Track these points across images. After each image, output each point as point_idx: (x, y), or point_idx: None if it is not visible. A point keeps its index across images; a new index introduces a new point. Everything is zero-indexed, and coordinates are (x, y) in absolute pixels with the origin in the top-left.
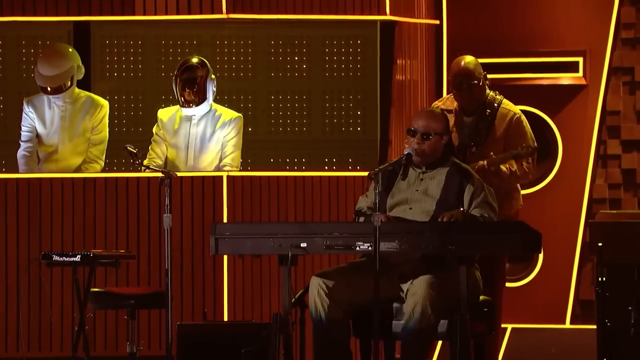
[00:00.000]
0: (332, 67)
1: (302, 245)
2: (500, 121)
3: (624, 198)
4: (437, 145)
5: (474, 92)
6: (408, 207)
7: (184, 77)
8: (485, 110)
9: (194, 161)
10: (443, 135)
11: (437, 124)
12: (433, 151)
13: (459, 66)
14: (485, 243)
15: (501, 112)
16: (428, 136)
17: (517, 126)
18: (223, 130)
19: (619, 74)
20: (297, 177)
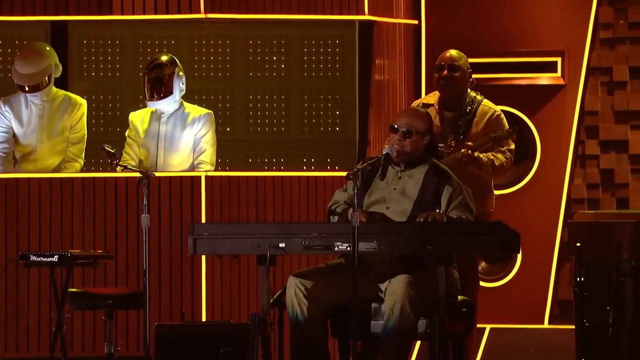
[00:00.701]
0: (310, 67)
1: (281, 246)
2: (481, 117)
3: (602, 198)
4: (418, 144)
5: (456, 81)
6: (385, 206)
7: (152, 76)
8: (465, 107)
9: (164, 160)
10: (425, 135)
11: (420, 123)
12: (413, 149)
13: (445, 54)
14: (463, 243)
15: (482, 109)
16: (410, 134)
17: (496, 123)
18: (193, 128)
19: (597, 74)
20: (276, 177)
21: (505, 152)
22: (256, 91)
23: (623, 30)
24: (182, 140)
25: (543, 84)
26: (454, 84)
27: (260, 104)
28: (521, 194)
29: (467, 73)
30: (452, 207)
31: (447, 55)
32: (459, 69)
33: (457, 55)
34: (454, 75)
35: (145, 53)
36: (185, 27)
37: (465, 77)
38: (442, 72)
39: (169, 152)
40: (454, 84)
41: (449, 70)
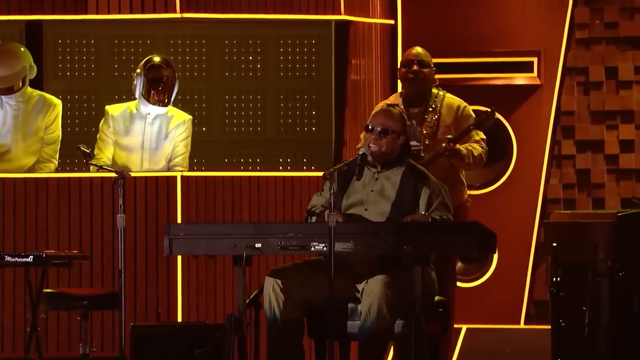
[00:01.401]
0: (286, 66)
1: (257, 246)
2: (448, 110)
3: (578, 198)
4: (394, 144)
5: (425, 76)
6: (363, 208)
7: (150, 77)
8: (430, 103)
9: (149, 161)
10: (400, 135)
11: (395, 123)
12: (390, 150)
13: (412, 51)
14: (440, 243)
15: (447, 102)
16: (385, 134)
17: (466, 116)
18: (176, 131)
19: (573, 74)
20: (252, 177)
21: (480, 142)
22: (232, 91)
23: (599, 30)
24: (166, 143)
25: (519, 84)
26: (422, 80)
27: (236, 103)
28: (497, 194)
29: (433, 70)
30: (434, 207)
31: (415, 52)
32: (427, 66)
33: (424, 52)
34: (422, 71)
35: (121, 53)
36: (161, 26)
37: (432, 73)
38: (412, 67)
39: (154, 154)
40: (423, 79)
41: (419, 66)
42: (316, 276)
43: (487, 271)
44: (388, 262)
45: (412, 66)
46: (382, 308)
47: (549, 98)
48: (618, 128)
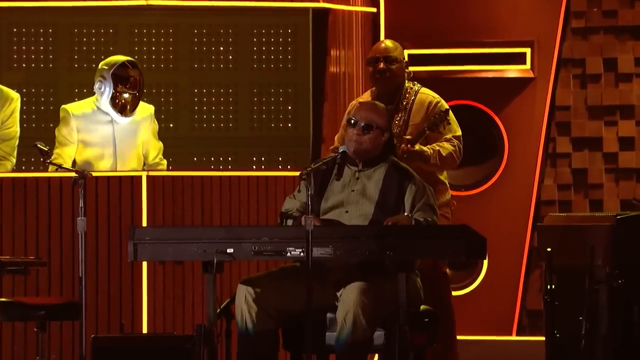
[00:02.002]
0: (260, 58)
1: (229, 251)
2: (419, 107)
3: (574, 200)
4: (377, 140)
5: (393, 73)
6: (344, 210)
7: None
8: (401, 101)
9: (120, 161)
10: (384, 132)
11: (380, 118)
12: (373, 146)
13: (379, 46)
14: (425, 248)
15: (419, 99)
16: (369, 129)
17: (437, 108)
18: (144, 126)
19: (569, 66)
20: (223, 177)
21: (452, 140)
22: (201, 84)
23: (597, 19)
24: (136, 140)
25: (511, 76)
26: (391, 77)
27: (206, 98)
28: (487, 195)
29: (403, 64)
30: (417, 208)
31: (381, 47)
32: (395, 61)
33: (393, 45)
34: (390, 68)
35: (82, 43)
36: (125, 14)
37: (402, 68)
38: (378, 65)
39: (128, 153)
40: (392, 77)
41: (385, 63)
42: (292, 284)
43: (476, 278)
44: (370, 268)
45: (378, 64)
46: (358, 317)
47: (543, 92)
48: (617, 124)
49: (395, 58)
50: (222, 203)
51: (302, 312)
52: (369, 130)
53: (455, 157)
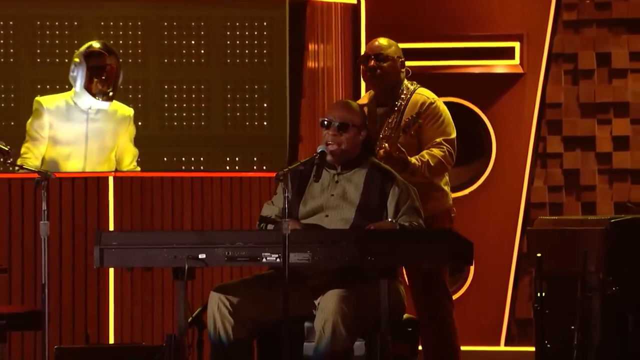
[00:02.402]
0: (234, 52)
1: (201, 257)
2: (411, 108)
3: (565, 202)
4: (355, 140)
5: (384, 72)
6: (324, 214)
7: (92, 65)
8: (396, 100)
9: (89, 162)
10: (361, 130)
11: (355, 116)
12: (351, 146)
13: (373, 43)
14: (409, 253)
15: (414, 99)
16: (345, 128)
17: (431, 113)
18: (122, 128)
19: (560, 61)
20: (195, 179)
21: (442, 145)
22: (172, 80)
23: (589, 11)
24: (112, 141)
25: (499, 72)
26: (382, 76)
27: (176, 94)
28: (474, 197)
29: (398, 62)
30: (402, 212)
31: (374, 44)
32: (387, 59)
33: (386, 43)
34: (381, 66)
35: (44, 36)
36: (90, 6)
37: (396, 66)
38: (369, 63)
39: (100, 155)
40: (383, 75)
41: (376, 61)
42: (268, 292)
43: (462, 285)
44: (350, 274)
45: (369, 62)
46: (337, 326)
47: (533, 88)
48: (611, 122)
49: (387, 56)
50: (194, 206)
51: (279, 321)
52: (345, 130)
53: (445, 163)
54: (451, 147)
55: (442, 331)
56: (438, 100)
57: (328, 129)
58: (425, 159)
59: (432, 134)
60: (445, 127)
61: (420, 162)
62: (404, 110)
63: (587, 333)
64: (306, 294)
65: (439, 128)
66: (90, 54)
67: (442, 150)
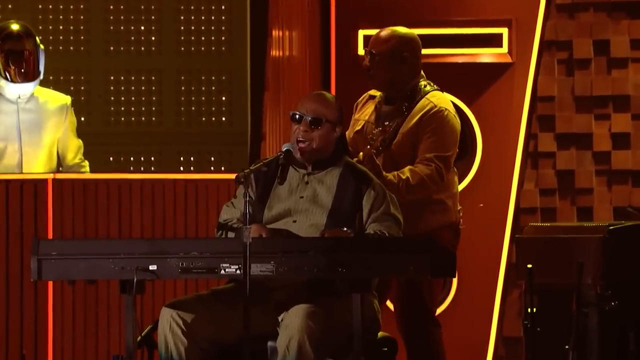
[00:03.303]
0: (188, 40)
1: (151, 268)
2: (415, 113)
3: (559, 207)
4: (328, 136)
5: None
6: (292, 219)
7: (7, 49)
8: (405, 102)
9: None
10: (336, 126)
11: (329, 110)
12: (324, 144)
13: (375, 35)
14: (384, 264)
15: (421, 104)
16: (318, 124)
17: (432, 122)
18: (57, 119)
19: (554, 49)
20: (145, 181)
21: (431, 162)
22: (118, 70)
23: None
24: (47, 134)
25: (484, 62)
26: (377, 74)
27: (124, 86)
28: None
29: (401, 57)
30: (373, 218)
31: (373, 37)
32: (383, 54)
33: (386, 35)
34: (376, 63)
35: None
36: None
37: (396, 62)
38: (365, 60)
39: (37, 150)
40: (378, 73)
41: (370, 58)
42: (226, 308)
43: (444, 300)
44: (319, 288)
45: (365, 59)
46: (303, 345)
47: (523, 80)
48: (610, 118)
49: (385, 51)
50: (144, 211)
51: (239, 340)
52: (318, 125)
53: (429, 183)
54: (442, 166)
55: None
56: (447, 110)
57: (299, 123)
58: (404, 176)
59: (425, 147)
60: (443, 141)
61: (397, 179)
62: (407, 116)
63: (583, 353)
64: (270, 309)
65: (435, 142)
66: (6, 37)
67: (429, 167)
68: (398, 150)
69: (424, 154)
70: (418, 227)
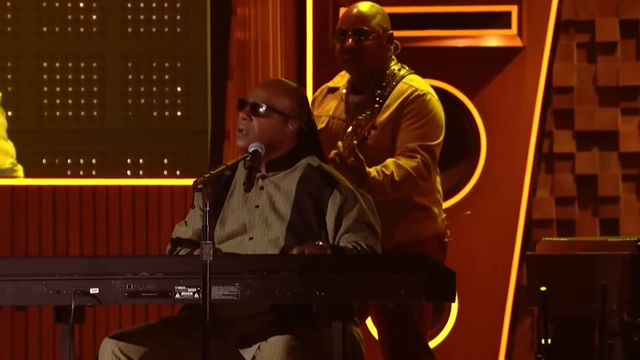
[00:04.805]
0: (136, 19)
1: (92, 292)
2: (393, 101)
3: (579, 218)
4: (273, 129)
5: (366, 52)
6: (247, 237)
7: None
8: (377, 89)
9: None
10: (289, 119)
11: (279, 99)
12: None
13: (351, 12)
14: (370, 286)
15: (398, 89)
16: (257, 110)
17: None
18: None
19: (572, 30)
20: (84, 188)
21: (415, 153)
22: (53, 55)
23: None
24: None
25: (490, 45)
26: (364, 58)
27: (59, 74)
28: (457, 212)
29: (385, 37)
30: (345, 228)
31: (351, 14)
32: (370, 33)
33: (369, 11)
34: (363, 45)
35: None
36: None
37: (382, 44)
38: (345, 42)
39: None
40: (365, 57)
41: (355, 38)
42: (181, 341)
43: (442, 329)
44: (291, 315)
45: (346, 40)
46: None
47: (535, 67)
48: (639, 113)
49: (371, 30)
50: (83, 224)
51: None
52: (257, 113)
53: (416, 178)
54: (428, 157)
55: None
56: (430, 94)
57: (241, 109)
58: (388, 171)
59: (406, 136)
60: (428, 129)
61: (382, 175)
62: (384, 103)
63: None
64: (233, 343)
65: (418, 129)
66: None
67: (414, 159)
68: (375, 144)
69: (406, 144)
70: (396, 237)
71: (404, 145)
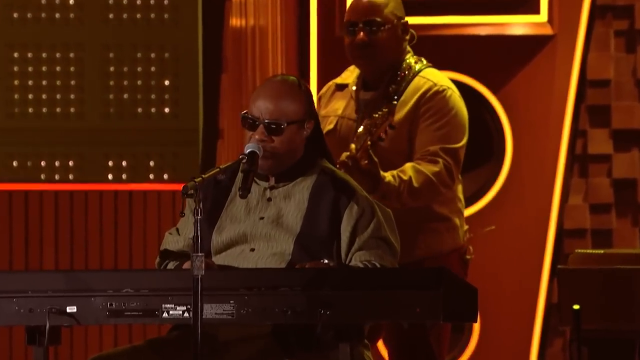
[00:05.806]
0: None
1: (70, 310)
2: (409, 97)
3: (616, 228)
4: (294, 139)
5: (380, 45)
6: (249, 247)
7: None
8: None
9: None
10: (304, 122)
11: (293, 106)
12: (288, 150)
13: (358, 3)
14: (381, 305)
15: (415, 84)
16: (278, 127)
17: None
18: None
19: (609, 17)
20: (60, 193)
21: (437, 157)
22: (26, 45)
23: None
24: None
25: (517, 34)
26: (378, 53)
27: (32, 66)
28: (482, 219)
29: (399, 27)
30: (358, 245)
31: (362, 2)
32: (384, 24)
33: (381, 0)
34: (376, 38)
35: None
36: None
37: (397, 35)
38: (357, 34)
39: None
40: (379, 51)
41: (367, 30)
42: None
43: (462, 352)
44: (293, 337)
45: (357, 33)
46: None
47: (567, 58)
48: None
49: (385, 20)
50: (59, 233)
51: None
52: (278, 132)
53: (438, 185)
54: (452, 161)
55: None
56: (450, 89)
57: (253, 130)
58: (406, 176)
59: (426, 138)
60: (450, 129)
61: (398, 181)
62: (399, 100)
63: None
64: None
65: (438, 130)
66: None
67: (435, 164)
68: (390, 146)
69: (427, 147)
70: (410, 251)
71: (424, 148)
